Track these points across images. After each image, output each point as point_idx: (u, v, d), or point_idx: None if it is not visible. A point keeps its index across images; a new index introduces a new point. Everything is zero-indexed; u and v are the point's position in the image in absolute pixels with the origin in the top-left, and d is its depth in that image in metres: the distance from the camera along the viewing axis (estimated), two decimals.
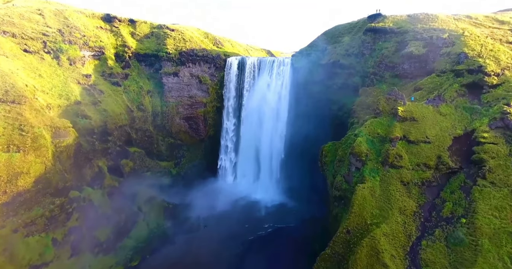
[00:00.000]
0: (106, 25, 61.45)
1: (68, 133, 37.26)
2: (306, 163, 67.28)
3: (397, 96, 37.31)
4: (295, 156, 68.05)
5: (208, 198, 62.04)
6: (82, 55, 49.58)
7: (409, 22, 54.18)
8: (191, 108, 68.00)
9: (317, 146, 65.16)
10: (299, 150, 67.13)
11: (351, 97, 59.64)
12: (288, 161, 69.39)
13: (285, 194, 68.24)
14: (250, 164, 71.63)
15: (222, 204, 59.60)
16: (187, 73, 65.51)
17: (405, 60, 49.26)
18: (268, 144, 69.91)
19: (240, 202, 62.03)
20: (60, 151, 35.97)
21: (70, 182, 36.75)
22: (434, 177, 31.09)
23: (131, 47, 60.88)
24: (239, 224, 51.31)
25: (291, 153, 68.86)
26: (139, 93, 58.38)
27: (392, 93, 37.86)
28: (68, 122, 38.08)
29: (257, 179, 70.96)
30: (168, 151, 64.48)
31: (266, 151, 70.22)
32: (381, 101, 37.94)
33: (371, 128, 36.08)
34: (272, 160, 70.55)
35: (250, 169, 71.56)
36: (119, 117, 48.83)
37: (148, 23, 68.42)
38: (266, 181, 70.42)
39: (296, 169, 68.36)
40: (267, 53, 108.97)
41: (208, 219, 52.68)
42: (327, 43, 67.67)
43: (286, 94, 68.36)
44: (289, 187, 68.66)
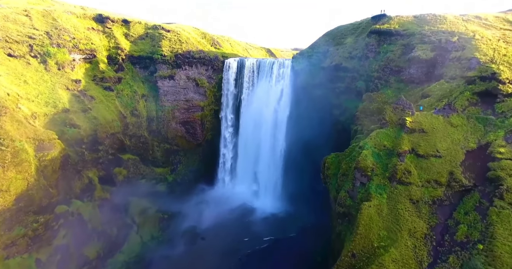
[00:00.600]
0: (99, 26, 58.81)
1: (53, 146, 34.92)
2: (306, 168, 65.01)
3: (404, 105, 34.94)
4: (295, 161, 65.82)
5: (205, 206, 59.98)
6: (71, 58, 47.06)
7: (415, 24, 51.64)
8: (187, 112, 65.62)
9: (318, 152, 63.22)
10: (299, 155, 64.87)
11: (354, 102, 57.32)
12: (288, 166, 67.17)
13: (285, 200, 66.11)
14: (249, 169, 69.46)
15: (220, 212, 57.48)
16: (183, 76, 63.02)
17: (411, 65, 46.83)
18: (268, 149, 67.65)
19: (239, 210, 59.91)
20: (45, 165, 33.68)
21: (56, 197, 34.49)
22: (446, 195, 28.86)
23: (124, 49, 58.31)
24: (237, 235, 49.26)
25: (291, 158, 66.60)
26: (133, 97, 55.95)
27: (400, 102, 35.50)
28: (53, 133, 35.63)
29: (257, 185, 68.79)
30: (164, 157, 62.24)
31: (265, 156, 68.00)
32: (387, 111, 35.58)
33: (377, 140, 33.76)
34: (271, 165, 68.33)
35: (249, 175, 69.38)
36: (111, 125, 46.50)
37: (143, 23, 65.77)
38: (265, 187, 68.30)
39: (296, 175, 66.16)
40: (267, 51, 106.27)
41: (205, 230, 50.60)
42: (329, 45, 65.10)
43: (286, 97, 65.95)
44: (289, 192, 66.49)
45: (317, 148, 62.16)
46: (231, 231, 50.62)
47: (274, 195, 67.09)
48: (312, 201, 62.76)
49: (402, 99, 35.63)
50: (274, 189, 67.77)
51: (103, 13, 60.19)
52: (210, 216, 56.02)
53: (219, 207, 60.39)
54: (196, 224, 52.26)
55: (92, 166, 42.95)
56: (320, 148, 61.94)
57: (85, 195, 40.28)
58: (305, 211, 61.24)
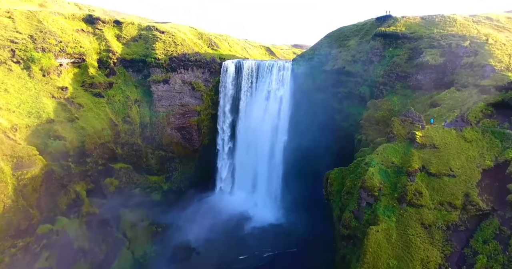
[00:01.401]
0: (89, 28, 55.81)
1: (33, 162, 32.32)
2: (307, 175, 62.62)
3: (414, 117, 32.34)
4: (295, 168, 63.36)
5: (202, 216, 57.56)
6: (57, 64, 44.21)
7: (423, 26, 48.84)
8: (183, 117, 62.92)
9: (319, 158, 60.86)
10: (299, 162, 62.39)
11: (357, 108, 54.70)
12: (288, 173, 64.69)
13: (284, 208, 63.74)
14: (247, 176, 66.97)
15: (217, 223, 55.12)
16: (178, 80, 60.21)
17: (419, 70, 44.17)
18: (267, 155, 65.08)
19: (237, 221, 57.53)
20: (24, 184, 31.09)
21: (37, 217, 32.02)
22: (462, 219, 26.41)
23: (116, 52, 55.37)
24: (234, 250, 46.93)
25: (291, 165, 64.07)
26: (125, 103, 53.19)
27: (408, 114, 32.88)
28: (33, 149, 33.02)
29: (256, 193, 66.35)
30: (159, 165, 59.67)
31: (264, 163, 65.46)
32: (395, 123, 32.98)
33: (384, 155, 31.20)
34: (271, 173, 65.84)
35: (247, 182, 66.91)
36: (101, 134, 43.85)
37: (136, 24, 62.75)
38: (264, 195, 65.89)
39: (296, 182, 63.74)
40: (267, 50, 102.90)
41: (200, 243, 48.26)
42: (331, 47, 62.27)
43: (286, 101, 63.25)
44: (289, 200, 64.15)
45: (318, 155, 59.68)
46: (228, 245, 48.29)
47: (273, 204, 64.74)
48: (313, 210, 60.47)
49: (411, 111, 33.00)
50: (273, 197, 65.40)
51: (94, 14, 57.17)
52: (207, 227, 53.65)
53: (216, 217, 58.01)
54: (191, 237, 49.91)
55: (79, 179, 40.39)
56: (321, 154, 59.48)
57: (72, 211, 37.78)
58: (305, 221, 58.95)
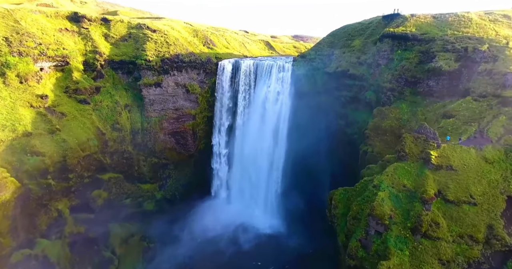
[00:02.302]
0: (73, 26, 51.74)
1: (4, 186, 29.15)
2: (307, 183, 59.79)
3: (428, 134, 29.11)
4: (296, 175, 60.44)
5: (197, 227, 54.91)
6: (37, 69, 40.49)
7: (435, 27, 45.04)
8: (177, 121, 59.50)
9: (321, 165, 57.89)
10: (300, 168, 59.41)
11: (362, 114, 51.32)
12: (288, 180, 61.79)
13: (283, 217, 60.94)
14: (245, 184, 63.96)
15: (213, 236, 52.51)
16: (171, 82, 56.52)
17: (431, 76, 40.66)
18: (266, 161, 61.89)
19: (234, 232, 54.89)
20: None
21: (9, 247, 29.10)
22: (485, 256, 23.54)
23: (103, 54, 51.49)
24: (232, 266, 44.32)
25: (291, 171, 61.11)
26: (114, 109, 49.67)
27: (422, 130, 29.62)
28: (3, 171, 29.79)
29: (253, 201, 63.44)
30: (152, 173, 56.59)
31: (263, 169, 62.36)
32: (407, 141, 29.75)
33: (395, 177, 28.09)
34: (270, 180, 62.86)
35: (245, 189, 63.98)
36: (85, 145, 40.55)
37: (126, 22, 58.58)
38: (263, 204, 63.04)
39: (297, 190, 60.96)
40: (266, 44, 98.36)
41: (195, 259, 45.70)
42: (334, 47, 58.44)
43: (286, 104, 59.68)
44: (289, 209, 61.32)
45: (320, 161, 56.67)
46: (224, 260, 45.71)
47: (271, 213, 61.97)
48: (313, 220, 57.83)
49: (424, 127, 29.72)
50: (272, 205, 62.62)
51: (79, 11, 52.96)
52: (202, 240, 51.10)
53: (212, 228, 55.32)
54: (185, 251, 47.32)
55: (62, 196, 37.31)
56: (323, 161, 56.45)
57: (53, 231, 34.92)
58: (304, 231, 56.25)
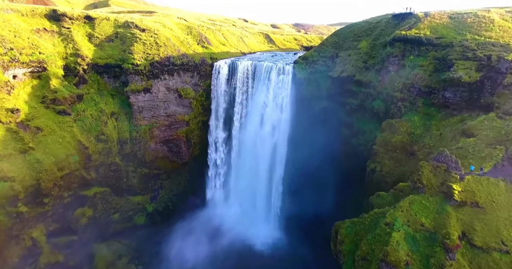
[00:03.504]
0: (53, 26, 47.00)
1: None
2: (309, 193, 56.53)
3: (448, 163, 25.33)
4: (298, 184, 57.13)
5: (192, 240, 51.89)
6: (7, 78, 36.13)
7: (453, 29, 40.53)
8: (169, 129, 55.51)
9: (324, 174, 54.23)
10: (301, 178, 56.06)
11: (369, 123, 47.34)
12: (289, 188, 58.49)
13: (283, 228, 57.92)
14: (244, 193, 60.57)
15: (208, 251, 49.59)
16: (162, 87, 52.20)
17: (447, 86, 36.51)
18: (265, 168, 58.29)
19: (231, 246, 51.86)
20: None
21: None
22: None
23: (86, 57, 46.93)
24: None
25: (292, 179, 57.76)
26: (99, 118, 45.56)
27: (441, 157, 25.83)
28: None
29: (253, 210, 60.17)
30: (142, 184, 53.05)
31: (263, 177, 58.82)
32: (424, 170, 25.99)
33: (412, 214, 24.48)
34: (270, 188, 59.43)
35: (244, 199, 60.60)
36: (64, 163, 36.74)
37: (112, 20, 53.65)
38: (262, 213, 59.80)
39: (297, 199, 57.73)
40: (265, 37, 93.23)
41: None
42: (339, 48, 53.89)
43: (287, 109, 55.64)
44: (289, 220, 58.25)
45: (323, 171, 52.96)
46: None
47: (271, 223, 58.89)
48: (315, 232, 54.67)
49: (445, 155, 25.89)
50: (272, 215, 59.44)
51: (58, 9, 48.04)
52: (197, 257, 48.08)
53: (208, 242, 52.41)
54: None
55: (37, 223, 33.80)
56: (326, 171, 52.70)
57: (27, 262, 31.53)
58: (306, 244, 53.28)
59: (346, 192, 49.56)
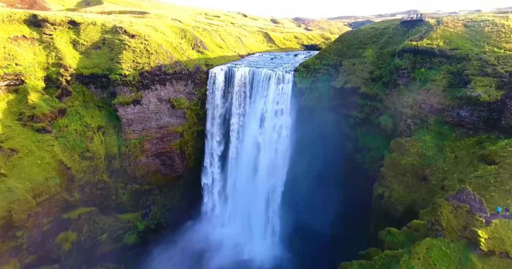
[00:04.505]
0: (33, 33, 43.30)
1: None
2: (311, 209, 53.64)
3: (472, 203, 22.21)
4: (297, 199, 54.24)
5: (186, 261, 49.08)
6: None
7: (468, 40, 37.11)
8: (162, 141, 52.19)
9: (325, 188, 51.40)
10: (302, 192, 53.15)
11: (375, 139, 44.11)
12: (288, 205, 55.48)
13: (284, 246, 54.99)
14: (242, 206, 57.64)
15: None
16: (153, 98, 48.73)
17: (463, 104, 33.27)
18: (264, 183, 55.28)
19: (227, 266, 49.04)
20: None
21: None
22: None
23: (70, 66, 43.32)
24: None
25: (292, 195, 54.80)
26: (84, 134, 42.17)
27: (463, 196, 22.69)
28: None
29: (251, 226, 57.14)
30: (133, 201, 49.93)
31: (261, 191, 55.76)
32: (443, 210, 22.86)
33: (430, 262, 21.41)
34: (269, 201, 56.41)
35: (242, 214, 57.64)
36: (43, 188, 33.46)
37: (99, 24, 49.88)
38: (261, 229, 56.79)
39: (297, 216, 54.78)
40: (265, 36, 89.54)
41: None
42: (342, 56, 50.43)
43: (286, 119, 52.48)
44: (290, 236, 55.36)
45: (325, 185, 50.18)
46: None
47: (271, 240, 55.99)
48: (319, 249, 52.06)
49: (466, 192, 22.74)
50: (270, 232, 56.56)
51: (39, 14, 44.26)
52: None
53: (203, 261, 49.68)
54: None
55: (9, 258, 30.63)
56: (328, 185, 49.94)
57: None
58: (306, 263, 50.70)
59: (349, 209, 46.65)
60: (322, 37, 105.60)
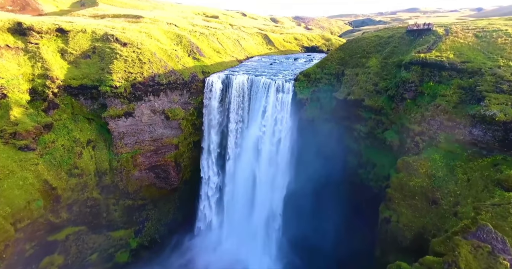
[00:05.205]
0: (17, 42, 40.80)
1: None
2: (311, 223, 51.46)
3: (493, 242, 20.03)
4: (298, 213, 52.02)
5: None
6: None
7: (480, 52, 34.91)
8: (156, 154, 49.85)
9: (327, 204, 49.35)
10: (303, 206, 51.00)
11: (380, 155, 41.85)
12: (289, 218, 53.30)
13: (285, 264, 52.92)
14: (241, 219, 55.44)
15: None
16: (146, 110, 46.34)
17: (477, 123, 31.07)
18: (264, 196, 53.04)
19: None
20: None
21: None
22: None
23: (57, 78, 40.86)
24: None
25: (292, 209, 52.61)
26: (72, 149, 39.77)
27: (483, 234, 20.52)
28: None
29: (250, 242, 54.93)
30: (125, 217, 47.61)
31: (261, 206, 53.58)
32: (462, 250, 20.65)
33: None
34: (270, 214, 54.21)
35: (241, 230, 55.40)
36: (24, 213, 31.10)
37: (89, 32, 47.40)
38: (261, 246, 54.65)
39: (298, 230, 52.60)
40: (264, 38, 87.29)
41: None
42: (344, 65, 48.13)
43: (286, 130, 50.22)
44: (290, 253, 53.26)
45: (326, 202, 48.01)
46: None
47: (269, 255, 53.83)
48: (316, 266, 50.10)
49: (487, 230, 20.56)
50: (270, 247, 54.38)
51: (24, 22, 41.73)
52: None
53: None
54: None
55: None
56: (330, 202, 47.66)
57: None
58: None
59: (353, 229, 44.47)
60: (323, 38, 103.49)
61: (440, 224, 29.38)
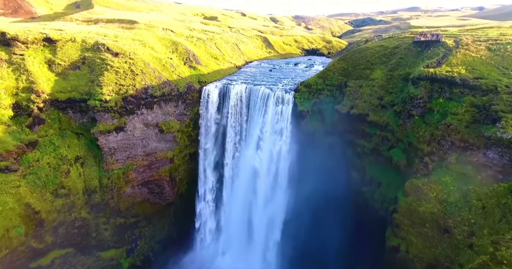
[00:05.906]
0: (1, 53, 38.38)
1: None
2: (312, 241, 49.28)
3: None
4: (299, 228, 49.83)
5: None
6: None
7: (494, 67, 32.69)
8: (149, 169, 47.47)
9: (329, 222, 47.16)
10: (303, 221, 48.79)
11: (385, 173, 39.44)
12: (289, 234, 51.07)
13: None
14: (239, 233, 53.19)
15: None
16: (139, 124, 43.94)
17: (492, 145, 28.83)
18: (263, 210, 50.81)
19: None
20: None
21: None
22: None
23: (42, 92, 38.42)
24: None
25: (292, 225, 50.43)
26: (58, 168, 37.35)
27: None
28: None
29: (249, 258, 52.76)
30: (117, 236, 45.24)
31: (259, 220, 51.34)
32: None
33: None
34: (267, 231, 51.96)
35: (239, 245, 53.18)
36: (2, 241, 28.73)
37: (79, 41, 44.98)
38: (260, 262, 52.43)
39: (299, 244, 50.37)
40: (264, 41, 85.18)
41: None
42: (347, 76, 45.86)
43: (286, 143, 47.98)
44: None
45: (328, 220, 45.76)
46: None
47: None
48: None
49: None
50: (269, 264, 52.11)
51: (9, 32, 39.29)
52: None
53: None
54: None
55: None
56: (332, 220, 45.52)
57: None
58: None
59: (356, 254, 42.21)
60: (324, 40, 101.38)
61: (454, 256, 27.16)
